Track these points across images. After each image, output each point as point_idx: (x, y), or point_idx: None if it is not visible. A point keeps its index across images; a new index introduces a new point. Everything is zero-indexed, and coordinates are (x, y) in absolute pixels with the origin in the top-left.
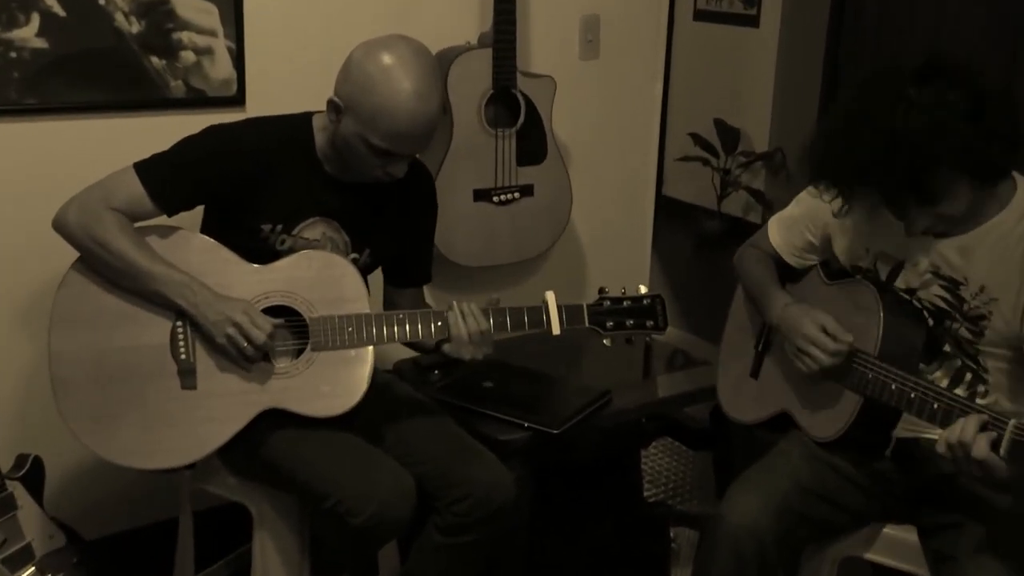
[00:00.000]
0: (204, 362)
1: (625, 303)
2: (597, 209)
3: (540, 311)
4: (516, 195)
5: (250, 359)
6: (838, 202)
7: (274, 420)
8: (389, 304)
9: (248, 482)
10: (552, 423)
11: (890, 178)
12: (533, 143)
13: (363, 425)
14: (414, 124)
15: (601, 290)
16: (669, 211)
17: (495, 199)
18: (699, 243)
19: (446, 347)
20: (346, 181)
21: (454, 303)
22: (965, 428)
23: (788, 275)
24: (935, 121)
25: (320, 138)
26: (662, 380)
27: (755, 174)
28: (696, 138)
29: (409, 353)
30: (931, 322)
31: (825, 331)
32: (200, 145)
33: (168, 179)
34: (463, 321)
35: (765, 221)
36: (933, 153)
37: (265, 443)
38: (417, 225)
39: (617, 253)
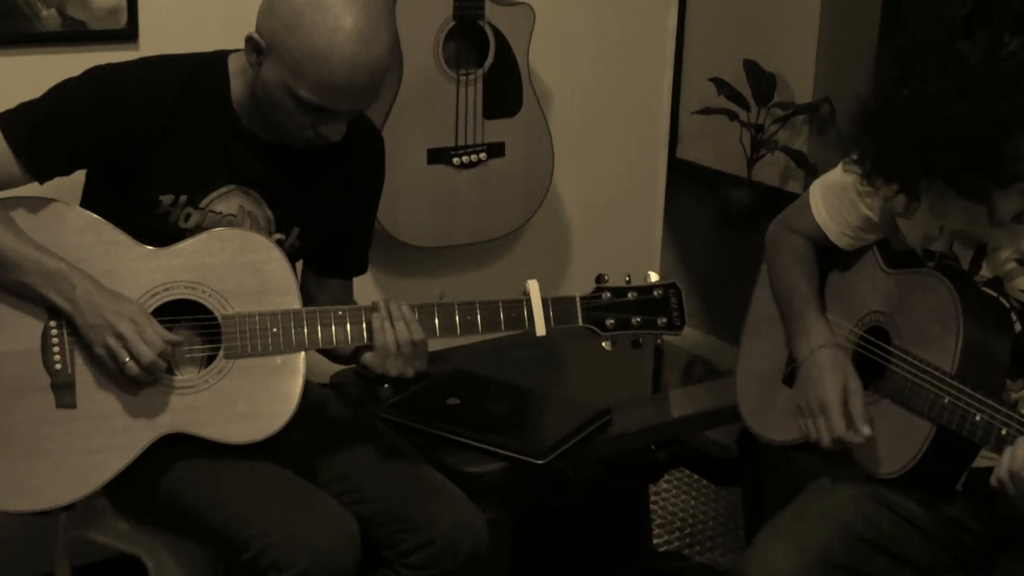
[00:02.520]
0: (85, 374)
1: (630, 295)
2: (589, 175)
3: (520, 306)
4: (482, 156)
5: (134, 380)
6: (901, 200)
7: (177, 448)
8: (307, 298)
9: (143, 528)
10: (535, 451)
11: (955, 163)
12: (505, 90)
13: (292, 454)
14: (354, 74)
15: (599, 279)
16: (685, 179)
17: (455, 161)
18: (723, 219)
19: (367, 357)
20: (271, 141)
21: (380, 302)
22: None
23: (835, 257)
24: (999, 77)
25: (238, 85)
26: (676, 395)
27: (795, 131)
28: (720, 85)
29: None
30: (1019, 326)
31: (845, 408)
32: (80, 92)
33: (39, 135)
34: (389, 326)
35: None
36: (1002, 119)
37: (165, 478)
38: (358, 201)
39: (616, 233)
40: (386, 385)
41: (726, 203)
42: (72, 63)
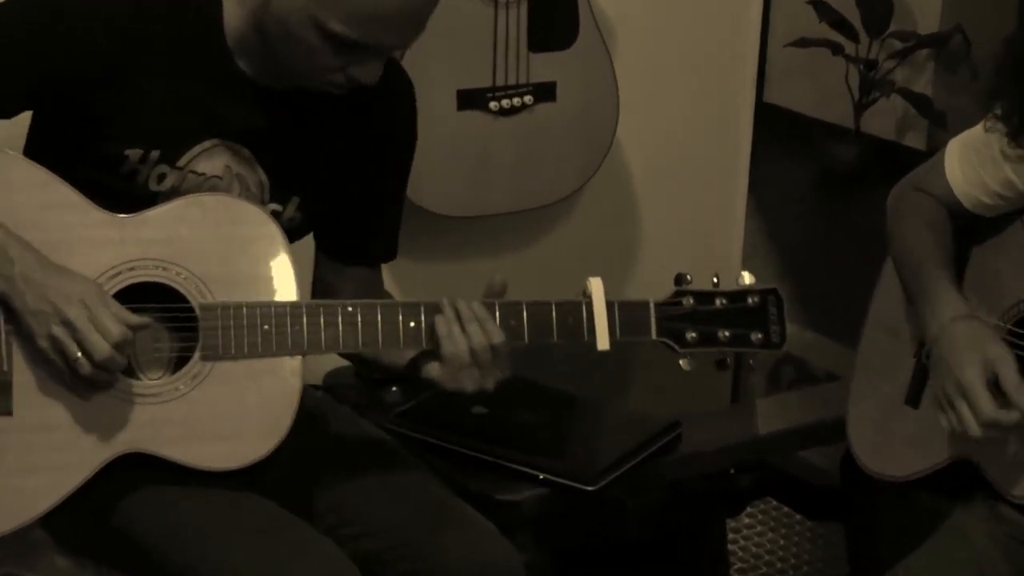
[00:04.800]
0: (25, 373)
1: (718, 302)
2: (659, 124)
3: (578, 310)
4: (527, 99)
5: (86, 380)
6: None
7: (136, 471)
8: (324, 290)
9: (89, 566)
10: (584, 475)
11: None
12: (555, 16)
13: (278, 479)
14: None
15: (679, 279)
16: (774, 129)
17: (492, 106)
18: (823, 182)
19: (432, 371)
20: (272, 86)
21: (444, 301)
22: None
23: (975, 228)
24: None
25: (234, 9)
26: (763, 406)
27: (917, 69)
28: (822, 8)
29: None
30: None
31: (996, 387)
32: (26, 11)
33: None
34: (460, 329)
35: (933, 146)
36: None
37: (120, 507)
38: (382, 165)
39: (691, 198)
40: (394, 388)
41: (827, 161)
42: None
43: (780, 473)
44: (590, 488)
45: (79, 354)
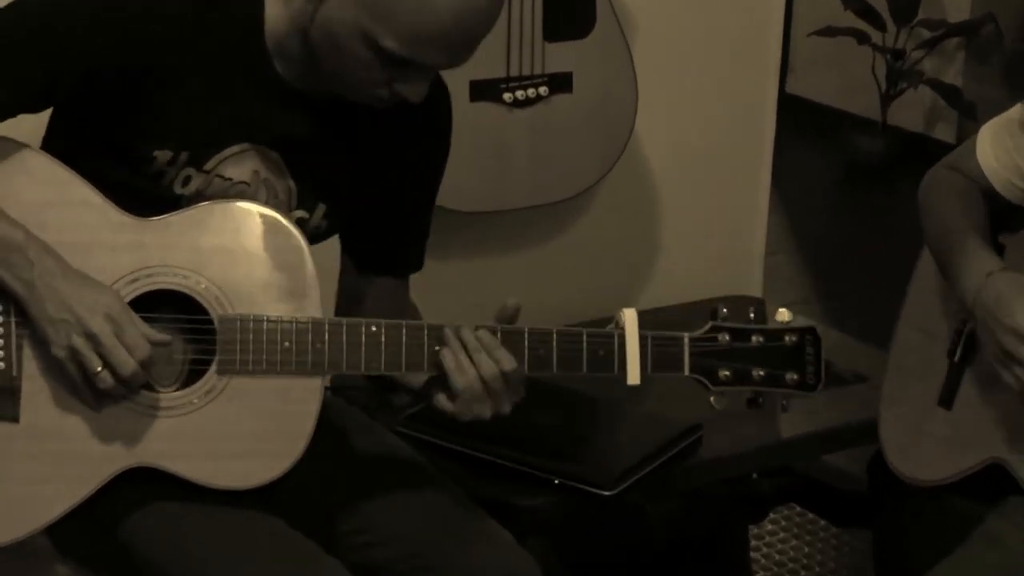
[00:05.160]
0: (35, 380)
1: (754, 339)
2: (680, 116)
3: (610, 343)
4: (542, 90)
5: (106, 395)
6: None
7: (144, 486)
8: (349, 298)
9: None
10: (602, 478)
11: None
12: (572, 5)
13: (289, 486)
14: (461, 20)
15: (715, 313)
16: (798, 121)
17: (507, 97)
18: (848, 176)
19: (445, 403)
20: (307, 91)
21: (446, 331)
22: None
23: (1008, 217)
24: None
25: (277, 13)
26: None
27: (947, 59)
28: None
29: None
30: None
31: None
32: (55, 4)
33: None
34: (467, 362)
35: (962, 138)
36: None
37: (126, 522)
38: (414, 176)
39: (712, 192)
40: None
41: (852, 154)
42: None
43: (804, 478)
44: (608, 493)
45: (99, 368)
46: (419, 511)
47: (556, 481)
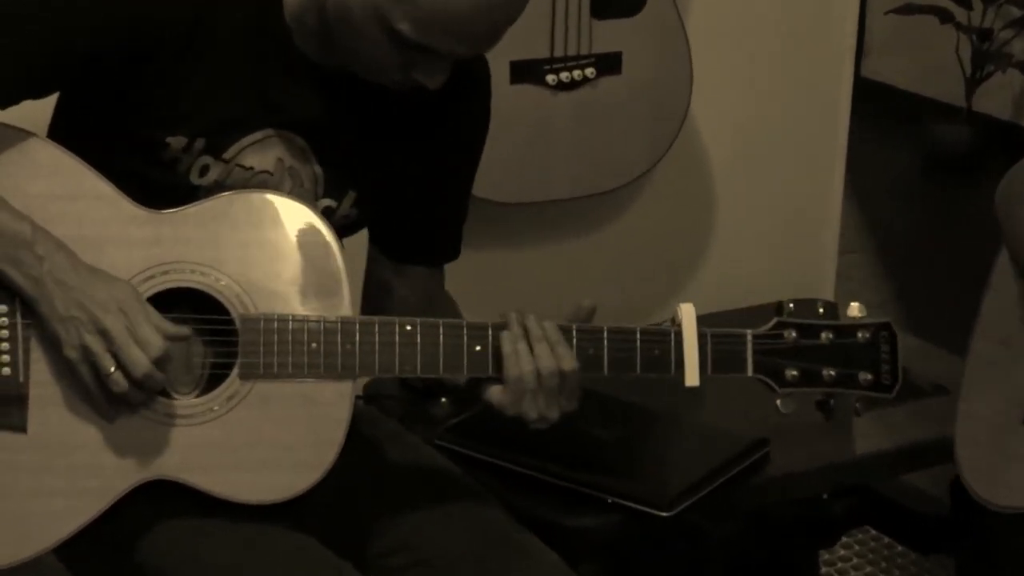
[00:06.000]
0: (45, 386)
1: (823, 336)
2: (739, 100)
3: (666, 341)
4: (589, 72)
5: (117, 398)
6: None
7: (161, 500)
8: (378, 290)
9: None
10: (659, 498)
11: None
12: None
13: (319, 503)
14: (478, 8)
15: (780, 308)
16: (874, 108)
17: (550, 79)
18: (929, 168)
19: (493, 393)
20: (333, 71)
21: (511, 316)
22: None
23: None
24: None
25: None
26: (861, 422)
27: None
28: None
29: None
30: None
31: None
32: None
33: (4, 40)
34: (525, 350)
35: None
36: None
37: (143, 540)
38: (450, 159)
39: (778, 184)
40: (443, 399)
41: (933, 143)
42: None
43: (880, 499)
44: (665, 514)
45: (112, 369)
46: (458, 530)
47: (609, 500)
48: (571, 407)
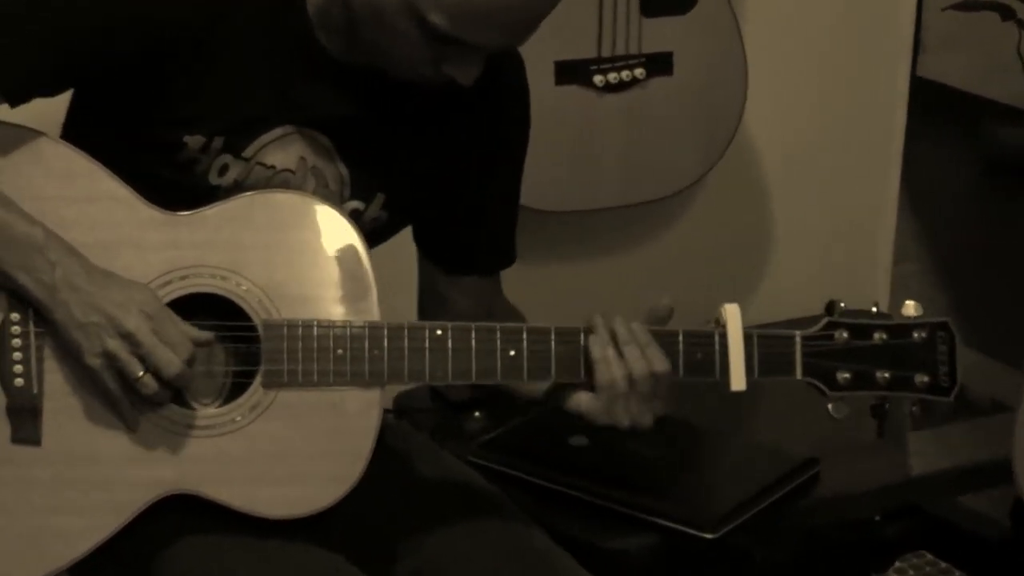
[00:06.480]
0: (59, 397)
1: (877, 336)
2: (795, 103)
3: (710, 343)
4: (638, 73)
5: (148, 402)
6: None
7: (181, 515)
8: (433, 301)
9: None
10: (703, 520)
11: None
12: None
13: (347, 521)
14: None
15: (831, 308)
16: (931, 109)
17: (598, 80)
18: (989, 172)
19: (581, 402)
20: (355, 64)
21: (597, 320)
22: None
23: None
24: None
25: None
26: (917, 441)
27: None
28: None
29: None
30: None
31: None
32: None
33: (17, 37)
34: (615, 354)
35: None
36: None
37: (162, 556)
38: (490, 158)
39: (832, 189)
40: (477, 413)
41: (994, 147)
42: None
43: (937, 521)
44: (710, 536)
45: (141, 372)
46: (492, 551)
47: (651, 521)
48: (663, 412)
